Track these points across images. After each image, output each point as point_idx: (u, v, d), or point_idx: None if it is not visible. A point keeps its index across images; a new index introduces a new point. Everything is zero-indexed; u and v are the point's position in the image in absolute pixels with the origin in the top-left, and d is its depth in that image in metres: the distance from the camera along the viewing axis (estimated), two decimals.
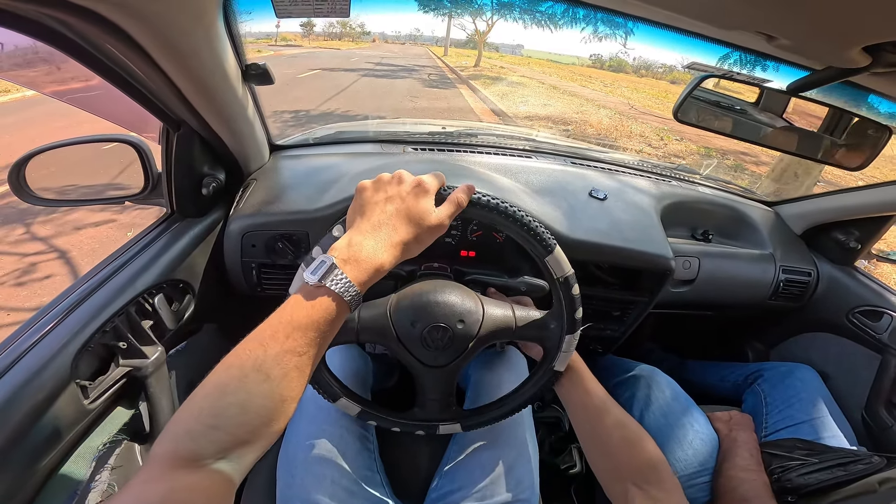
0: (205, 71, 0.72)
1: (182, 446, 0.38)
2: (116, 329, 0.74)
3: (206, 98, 0.78)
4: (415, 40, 47.90)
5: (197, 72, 0.71)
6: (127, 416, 0.78)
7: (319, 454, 0.70)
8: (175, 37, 0.62)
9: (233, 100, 0.84)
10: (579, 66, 27.93)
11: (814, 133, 0.91)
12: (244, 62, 0.84)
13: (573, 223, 0.97)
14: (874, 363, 1.13)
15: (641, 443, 0.66)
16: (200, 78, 0.73)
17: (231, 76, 0.80)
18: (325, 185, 0.98)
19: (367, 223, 0.52)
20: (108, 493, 0.69)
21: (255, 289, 1.00)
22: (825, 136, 0.90)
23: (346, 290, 0.47)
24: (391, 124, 1.61)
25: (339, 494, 0.67)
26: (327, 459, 0.70)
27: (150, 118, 0.80)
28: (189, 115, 0.80)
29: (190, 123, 0.83)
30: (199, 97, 0.76)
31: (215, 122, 0.84)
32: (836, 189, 1.27)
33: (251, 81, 0.88)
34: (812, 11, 0.46)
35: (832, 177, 6.64)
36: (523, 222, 0.59)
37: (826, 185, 5.29)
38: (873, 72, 0.57)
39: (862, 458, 0.79)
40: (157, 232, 0.88)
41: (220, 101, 0.81)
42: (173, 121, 0.82)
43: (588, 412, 0.71)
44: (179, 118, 0.82)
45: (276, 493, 0.71)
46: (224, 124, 0.87)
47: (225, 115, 0.85)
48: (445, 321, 0.64)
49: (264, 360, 0.42)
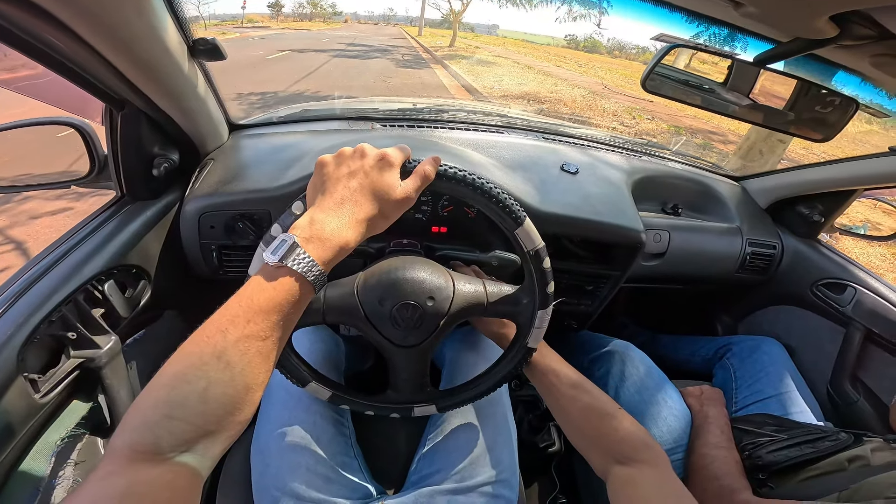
0: (141, 46, 0.67)
1: (140, 439, 0.35)
2: (64, 319, 0.70)
3: (147, 76, 0.73)
4: (388, 20, 46.82)
5: (132, 47, 0.66)
6: (85, 409, 0.74)
7: (292, 441, 0.68)
8: (103, 14, 0.57)
9: (178, 76, 0.78)
10: (554, 46, 27.85)
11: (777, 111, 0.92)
12: (190, 37, 0.78)
13: (544, 196, 0.95)
14: (838, 336, 1.16)
15: (616, 420, 0.65)
16: (138, 55, 0.68)
17: (174, 52, 0.74)
18: (287, 162, 0.94)
19: (330, 199, 0.50)
20: (73, 488, 0.67)
21: (216, 272, 0.96)
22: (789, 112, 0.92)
23: (308, 270, 0.45)
24: (359, 102, 1.55)
25: (316, 482, 0.66)
26: (301, 446, 0.68)
27: (93, 99, 0.75)
28: (131, 93, 0.75)
29: (134, 102, 0.78)
30: (140, 75, 0.71)
31: (161, 101, 0.79)
32: (800, 165, 1.30)
33: (200, 57, 0.82)
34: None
35: (795, 155, 6.87)
36: (492, 194, 0.57)
37: (789, 163, 5.47)
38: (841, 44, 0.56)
39: (829, 435, 0.81)
40: (106, 215, 0.83)
41: (164, 79, 0.76)
42: (115, 100, 0.77)
43: (560, 395, 0.70)
44: (122, 97, 0.76)
45: (252, 481, 0.69)
46: (171, 102, 0.81)
47: (171, 93, 0.80)
48: (415, 298, 0.62)
49: (224, 347, 0.39)
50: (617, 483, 0.59)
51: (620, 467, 0.60)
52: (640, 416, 0.91)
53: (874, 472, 0.69)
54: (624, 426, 0.64)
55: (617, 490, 0.58)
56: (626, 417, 0.66)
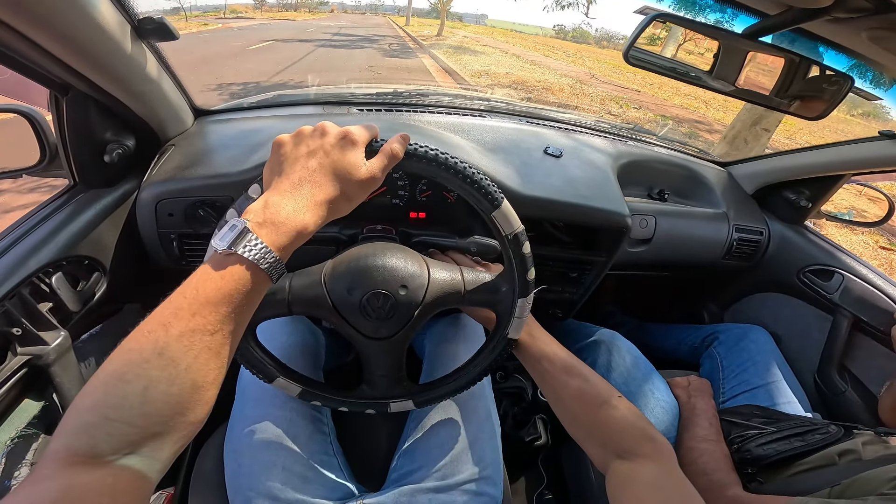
0: (69, 26, 0.62)
1: (77, 441, 0.33)
2: (7, 313, 0.66)
3: (83, 58, 0.67)
4: (375, 10, 46.27)
5: (58, 28, 0.61)
6: (37, 409, 0.71)
7: (267, 439, 0.65)
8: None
9: (120, 58, 0.73)
10: (543, 36, 27.77)
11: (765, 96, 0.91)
12: (134, 17, 0.73)
13: (526, 180, 0.92)
14: (825, 324, 1.14)
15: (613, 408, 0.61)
16: (67, 34, 0.62)
17: (112, 31, 0.69)
18: (253, 147, 0.89)
19: (287, 181, 0.45)
20: None
21: (178, 262, 0.91)
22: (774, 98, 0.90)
23: (262, 257, 0.41)
24: (336, 87, 1.50)
25: (293, 481, 0.63)
26: (276, 445, 0.65)
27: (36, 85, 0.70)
28: (73, 77, 0.69)
29: (77, 87, 0.73)
30: (75, 57, 0.66)
31: (106, 83, 0.74)
32: (786, 150, 1.28)
33: (149, 38, 0.77)
34: None
35: (779, 145, 6.94)
36: (466, 174, 0.53)
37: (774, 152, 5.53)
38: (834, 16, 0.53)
39: (818, 428, 0.79)
40: (56, 205, 0.78)
41: (105, 60, 0.71)
42: (58, 85, 0.72)
43: (555, 381, 0.66)
44: (64, 82, 0.71)
45: (226, 481, 0.66)
46: (116, 85, 0.76)
47: (115, 76, 0.75)
48: (386, 287, 0.58)
49: (167, 343, 0.36)
50: (615, 479, 0.55)
51: (619, 462, 0.56)
52: None
53: (866, 466, 0.67)
54: (621, 415, 0.60)
55: (615, 487, 0.55)
56: (624, 405, 0.61)
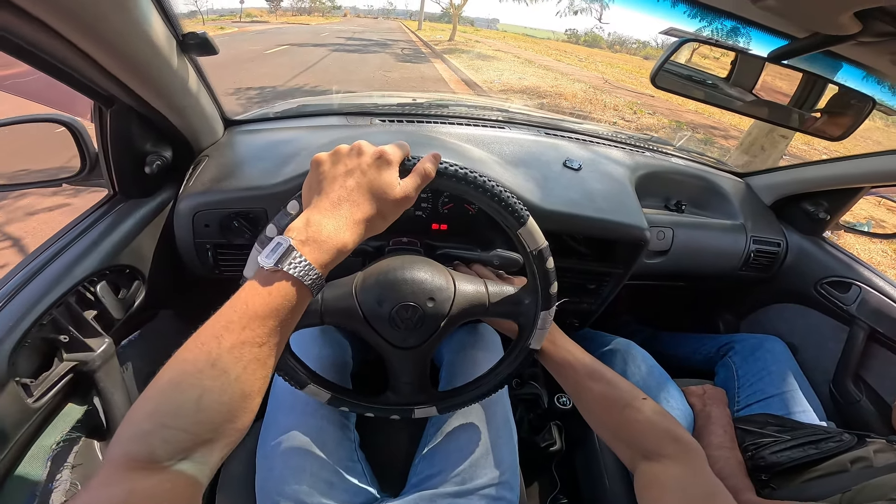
0: (124, 42, 0.65)
1: (136, 448, 0.35)
2: (55, 321, 0.68)
3: (132, 71, 0.70)
4: (388, 14, 46.57)
5: (114, 43, 0.64)
6: (80, 413, 0.73)
7: (298, 445, 0.68)
8: (78, 8, 0.55)
9: (167, 72, 0.76)
10: (555, 40, 27.71)
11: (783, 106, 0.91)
12: (180, 32, 0.76)
13: (547, 193, 0.93)
14: (842, 335, 1.14)
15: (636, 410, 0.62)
16: (121, 50, 0.65)
17: (161, 47, 0.72)
18: (284, 158, 0.92)
19: (326, 200, 0.48)
20: (72, 492, 0.67)
21: (212, 271, 0.94)
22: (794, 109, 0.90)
23: (305, 274, 0.43)
24: (358, 97, 1.53)
25: (319, 486, 0.65)
26: (306, 451, 0.68)
27: (80, 96, 0.73)
28: (119, 90, 0.72)
29: (122, 99, 0.76)
30: (125, 71, 0.69)
31: (150, 96, 0.77)
32: (805, 161, 1.28)
33: (191, 52, 0.80)
34: None
35: (797, 151, 6.84)
36: (494, 193, 0.55)
37: (791, 159, 5.44)
38: (860, 41, 0.54)
39: (833, 436, 0.80)
40: (97, 215, 0.81)
41: (152, 74, 0.74)
42: (103, 97, 0.75)
43: (579, 386, 0.68)
44: (110, 94, 0.74)
45: (255, 484, 0.68)
46: (161, 98, 0.79)
47: (161, 89, 0.78)
48: (414, 299, 0.60)
49: (219, 354, 0.38)
50: (641, 480, 0.57)
51: (646, 463, 0.58)
52: None
53: (877, 473, 0.68)
54: (645, 417, 0.61)
55: (640, 488, 0.56)
56: (648, 407, 0.62)
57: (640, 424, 0.61)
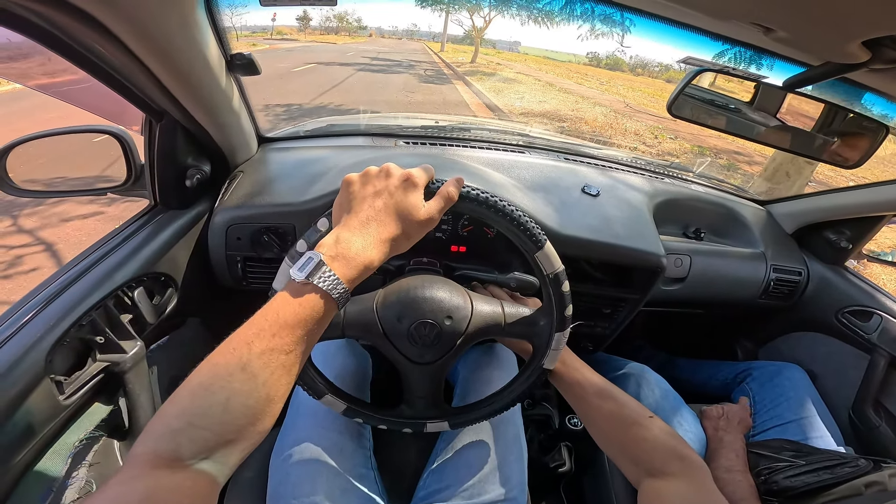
0: (183, 60, 0.70)
1: (163, 445, 0.37)
2: (94, 323, 0.72)
3: (186, 88, 0.76)
4: (411, 35, 47.67)
5: (175, 61, 0.69)
6: (105, 412, 0.76)
7: (316, 452, 0.70)
8: (149, 24, 0.60)
9: (216, 90, 0.82)
10: (576, 63, 27.92)
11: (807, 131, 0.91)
12: (229, 52, 0.81)
13: (565, 219, 0.95)
14: (862, 363, 1.13)
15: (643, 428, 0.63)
16: (179, 67, 0.71)
17: (214, 66, 0.77)
18: (313, 177, 0.96)
19: (355, 219, 0.51)
20: (86, 489, 0.68)
21: (240, 282, 0.98)
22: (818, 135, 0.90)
23: (334, 288, 0.46)
24: (383, 118, 1.59)
25: (334, 493, 0.67)
26: (323, 458, 0.69)
27: (132, 109, 0.78)
28: (171, 105, 0.78)
29: (172, 114, 0.81)
30: (180, 87, 0.74)
31: (198, 113, 0.82)
32: (828, 189, 1.27)
33: (236, 72, 0.86)
34: (812, 3, 0.45)
35: (823, 177, 6.70)
36: (513, 217, 0.58)
37: (817, 186, 5.33)
38: (871, 68, 0.56)
39: (849, 461, 0.79)
40: (139, 224, 0.86)
41: (203, 92, 0.79)
42: (155, 111, 0.80)
43: (588, 405, 0.69)
44: (161, 108, 0.80)
45: (268, 489, 0.70)
46: (208, 115, 0.84)
47: (208, 106, 0.83)
48: (433, 317, 0.63)
49: (249, 359, 0.41)
50: (644, 497, 0.58)
51: (650, 480, 0.59)
52: None
53: (890, 497, 0.68)
54: (653, 435, 0.62)
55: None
56: (656, 425, 0.63)
57: (647, 442, 0.62)
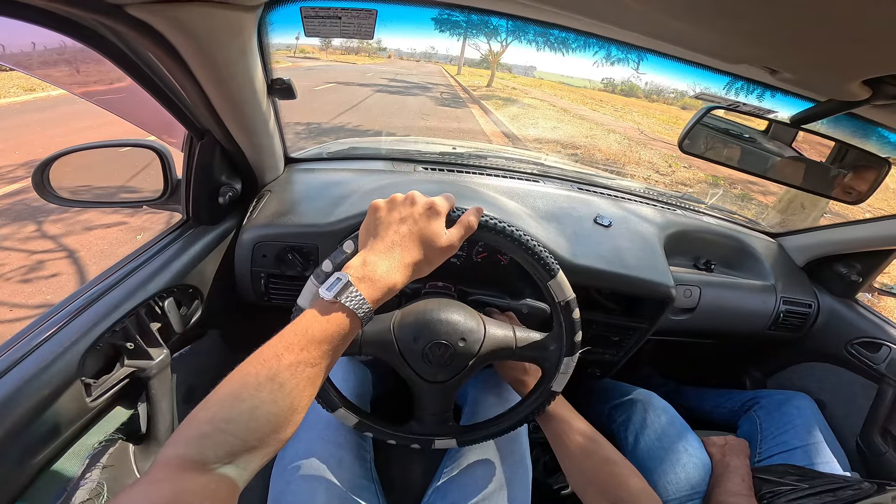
0: (235, 83, 0.76)
1: (192, 450, 0.39)
2: (126, 330, 0.76)
3: (233, 109, 0.81)
4: (429, 58, 48.62)
5: (228, 84, 0.75)
6: (125, 416, 0.79)
7: (315, 464, 0.71)
8: (214, 50, 0.66)
9: (257, 112, 0.87)
10: (591, 89, 28.15)
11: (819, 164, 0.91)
12: (270, 76, 0.87)
13: (577, 249, 0.98)
14: (871, 392, 1.14)
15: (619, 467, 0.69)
16: (230, 90, 0.76)
17: (258, 89, 0.83)
18: (336, 199, 1.01)
19: (382, 243, 0.54)
20: (97, 491, 0.69)
21: (262, 298, 1.02)
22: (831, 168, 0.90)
23: (359, 307, 0.49)
24: (403, 142, 1.65)
25: (332, 503, 0.68)
26: (323, 469, 0.71)
27: (175, 125, 0.83)
28: (215, 125, 0.83)
29: (214, 133, 0.86)
30: (227, 108, 0.80)
31: (238, 134, 0.87)
32: (841, 221, 1.29)
33: (275, 95, 0.91)
34: (813, 47, 0.48)
35: (840, 208, 6.60)
36: (528, 246, 0.61)
37: (834, 217, 5.26)
38: (874, 104, 0.58)
39: (852, 485, 0.80)
40: (171, 237, 0.91)
41: (246, 114, 0.84)
42: (198, 130, 0.85)
43: (569, 441, 0.73)
44: (205, 127, 0.85)
45: (268, 499, 0.71)
46: (246, 136, 0.90)
47: (248, 127, 0.88)
48: (447, 338, 0.66)
49: (279, 370, 0.43)
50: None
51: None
52: (658, 462, 0.92)
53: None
54: (626, 473, 0.67)
55: None
56: (632, 469, 0.68)
57: (619, 478, 0.67)
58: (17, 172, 4.23)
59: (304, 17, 0.77)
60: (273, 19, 0.78)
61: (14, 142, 5.14)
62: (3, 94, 7.27)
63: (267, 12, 0.75)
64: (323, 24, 0.79)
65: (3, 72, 8.91)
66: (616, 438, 1.06)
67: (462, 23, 19.89)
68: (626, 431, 1.02)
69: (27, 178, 3.97)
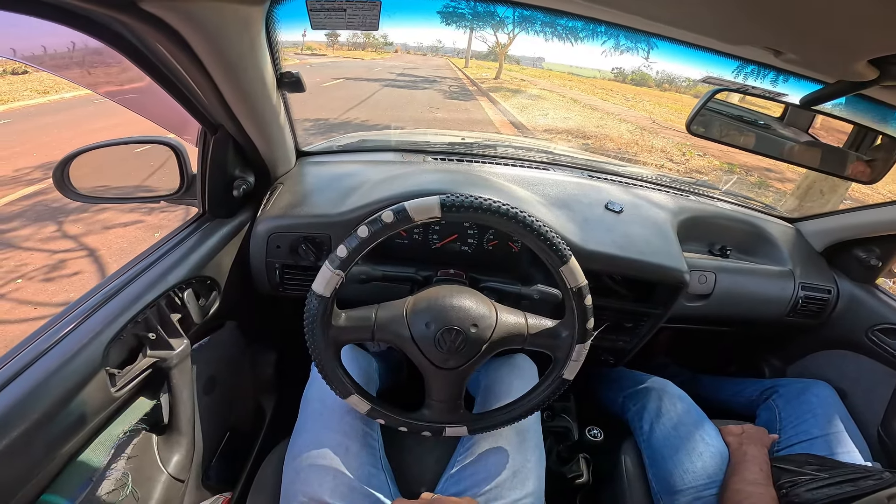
0: (246, 77, 0.77)
1: None
2: (147, 320, 0.78)
3: (245, 103, 0.82)
4: (436, 52, 48.38)
5: (239, 78, 0.76)
6: (148, 407, 0.80)
7: (323, 452, 0.73)
8: (225, 45, 0.67)
9: (268, 106, 0.88)
10: (601, 79, 27.74)
11: (834, 148, 0.90)
12: (279, 70, 0.88)
13: (588, 235, 0.98)
14: (892, 380, 1.12)
15: None
16: (242, 84, 0.78)
17: (268, 83, 0.84)
18: (347, 190, 1.02)
19: None
20: (122, 482, 0.70)
21: (276, 288, 1.03)
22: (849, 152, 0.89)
23: None
24: (412, 134, 1.66)
25: (340, 489, 0.69)
26: (329, 457, 0.72)
27: (189, 121, 0.84)
28: (227, 119, 0.84)
29: (227, 127, 0.87)
30: (239, 102, 0.81)
31: (251, 127, 0.89)
32: (858, 206, 1.26)
33: (284, 89, 0.92)
34: (816, 27, 0.47)
35: (859, 194, 6.44)
36: (540, 232, 0.61)
37: (853, 204, 5.13)
38: (883, 85, 0.57)
39: (873, 474, 0.79)
40: (188, 230, 0.93)
41: (257, 107, 0.86)
42: (212, 124, 0.86)
43: None
44: (218, 122, 0.86)
45: (281, 488, 0.73)
46: (258, 129, 0.91)
47: (260, 121, 0.89)
48: (459, 324, 0.66)
49: None
50: None
51: None
52: (674, 451, 0.91)
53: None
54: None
55: None
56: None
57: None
58: (34, 174, 4.31)
59: (309, 10, 0.78)
60: (280, 14, 0.79)
61: (31, 144, 5.25)
62: (18, 98, 7.44)
63: (274, 6, 0.75)
64: (329, 17, 0.79)
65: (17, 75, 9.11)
66: (631, 427, 1.05)
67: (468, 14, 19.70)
68: (640, 420, 1.01)
69: (45, 180, 4.05)
